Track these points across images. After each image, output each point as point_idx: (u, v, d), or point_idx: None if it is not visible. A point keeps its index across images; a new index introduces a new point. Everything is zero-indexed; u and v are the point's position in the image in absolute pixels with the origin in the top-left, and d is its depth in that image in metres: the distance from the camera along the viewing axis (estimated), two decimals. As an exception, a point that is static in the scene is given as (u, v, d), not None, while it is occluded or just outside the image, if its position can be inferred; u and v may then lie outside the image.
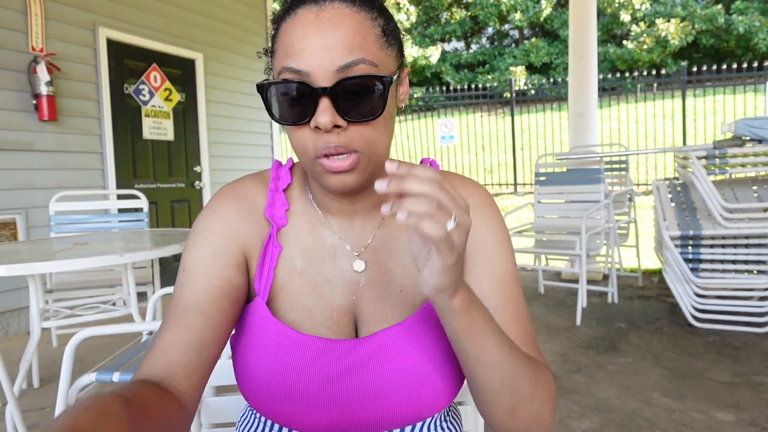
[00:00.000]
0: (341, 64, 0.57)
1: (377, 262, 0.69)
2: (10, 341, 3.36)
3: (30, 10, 3.54)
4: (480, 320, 0.56)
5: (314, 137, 0.59)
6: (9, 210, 3.46)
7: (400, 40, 0.66)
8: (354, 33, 0.57)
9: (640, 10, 15.02)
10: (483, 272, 0.70)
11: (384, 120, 0.61)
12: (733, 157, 3.12)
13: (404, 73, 0.67)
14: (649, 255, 4.93)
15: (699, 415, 2.08)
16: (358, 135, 0.59)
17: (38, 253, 1.96)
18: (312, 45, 0.57)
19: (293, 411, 0.65)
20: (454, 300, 0.53)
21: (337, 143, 0.58)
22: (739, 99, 9.48)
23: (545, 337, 3.09)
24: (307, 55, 0.57)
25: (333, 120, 0.57)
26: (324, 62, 0.57)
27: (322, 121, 0.57)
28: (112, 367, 1.43)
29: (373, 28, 0.60)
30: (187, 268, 0.66)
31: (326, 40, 0.57)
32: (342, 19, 0.58)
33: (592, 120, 4.74)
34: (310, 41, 0.57)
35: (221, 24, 5.18)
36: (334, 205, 0.69)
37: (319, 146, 0.59)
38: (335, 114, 0.57)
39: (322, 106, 0.57)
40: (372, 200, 0.69)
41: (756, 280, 2.96)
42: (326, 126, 0.57)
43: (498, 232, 0.72)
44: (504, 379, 0.58)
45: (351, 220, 0.70)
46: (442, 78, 16.10)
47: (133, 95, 4.32)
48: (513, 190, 10.14)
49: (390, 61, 0.62)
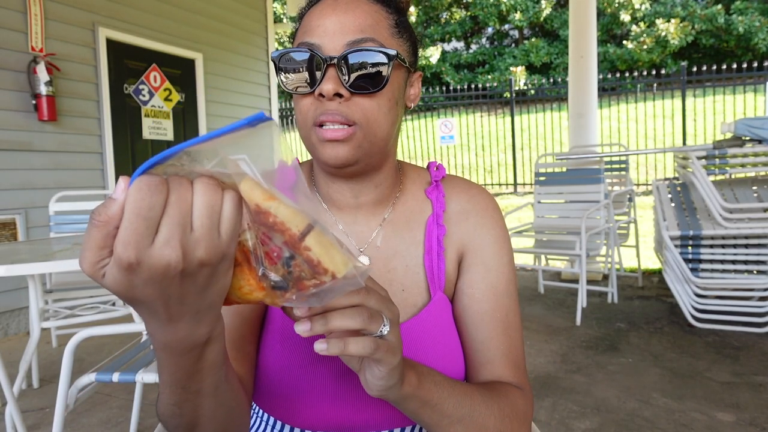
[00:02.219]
0: (351, 39, 0.60)
1: (380, 259, 0.70)
2: (10, 341, 3.36)
3: (30, 10, 3.54)
4: (433, 390, 0.56)
5: (316, 104, 0.61)
6: (9, 210, 3.46)
7: (415, 41, 0.69)
8: (366, 16, 0.62)
9: (640, 10, 15.01)
10: (476, 276, 0.70)
11: (388, 100, 0.62)
12: (733, 157, 3.12)
13: (416, 74, 0.70)
14: (649, 255, 4.93)
15: (699, 415, 2.08)
16: (359, 107, 0.60)
17: (38, 253, 1.95)
18: (327, 23, 0.61)
19: (296, 408, 0.65)
20: (404, 388, 0.52)
21: (336, 111, 0.60)
22: (739, 99, 9.48)
23: (545, 337, 3.09)
24: (321, 32, 0.61)
25: (335, 88, 0.59)
26: (336, 37, 0.60)
27: (325, 87, 0.59)
28: (112, 367, 1.43)
29: (386, 19, 0.63)
30: None
31: (340, 19, 0.61)
32: (357, 4, 0.62)
33: (592, 120, 4.74)
34: (325, 20, 0.61)
35: (221, 24, 5.18)
36: (337, 196, 0.70)
37: (319, 112, 0.60)
38: (339, 83, 0.59)
39: (327, 75, 0.59)
40: (375, 195, 0.70)
41: (756, 280, 2.95)
42: (329, 93, 0.59)
43: (497, 239, 0.72)
44: (468, 428, 0.58)
45: (355, 215, 0.71)
46: (442, 78, 16.10)
47: (132, 95, 4.32)
48: (513, 190, 10.14)
49: (402, 52, 0.64)
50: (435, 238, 0.71)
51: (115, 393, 2.43)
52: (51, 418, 2.13)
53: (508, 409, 0.62)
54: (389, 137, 0.65)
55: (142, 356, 1.55)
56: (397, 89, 0.64)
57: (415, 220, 0.72)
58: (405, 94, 0.68)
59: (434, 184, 0.75)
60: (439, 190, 0.74)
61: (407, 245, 0.71)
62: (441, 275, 0.70)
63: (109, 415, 2.24)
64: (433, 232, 0.71)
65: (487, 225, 0.73)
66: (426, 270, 0.70)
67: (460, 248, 0.72)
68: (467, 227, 0.73)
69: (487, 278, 0.70)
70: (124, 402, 2.34)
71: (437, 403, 0.56)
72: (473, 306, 0.70)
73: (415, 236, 0.71)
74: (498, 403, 0.61)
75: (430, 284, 0.69)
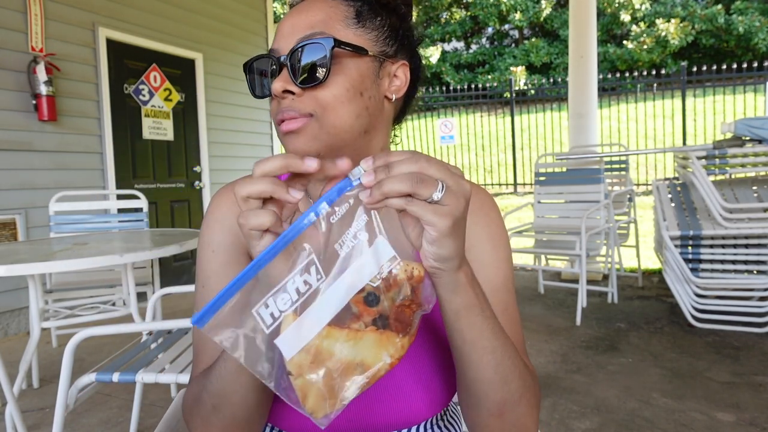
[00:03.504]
0: (299, 36, 0.61)
1: None
2: (10, 341, 3.36)
3: (30, 10, 3.54)
4: (482, 297, 0.54)
5: (275, 104, 0.63)
6: (9, 210, 3.46)
7: (395, 32, 0.67)
8: (318, 12, 0.63)
9: (640, 10, 15.01)
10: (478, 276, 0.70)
11: (345, 90, 0.61)
12: (733, 157, 3.12)
13: (397, 64, 0.67)
14: (649, 255, 4.93)
15: (699, 415, 2.08)
16: (312, 100, 0.61)
17: (38, 253, 1.96)
18: (283, 27, 0.64)
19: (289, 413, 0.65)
20: (459, 273, 0.51)
21: (289, 107, 0.61)
22: (738, 99, 9.48)
23: (545, 337, 3.09)
24: (279, 36, 0.64)
25: (284, 85, 0.60)
26: (288, 39, 0.62)
27: (274, 87, 0.61)
28: (112, 367, 1.43)
29: (343, 10, 0.63)
30: (205, 284, 0.69)
31: (293, 21, 0.63)
32: (312, 4, 0.64)
33: (592, 120, 4.74)
34: (282, 25, 0.64)
35: (221, 24, 5.18)
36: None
37: (276, 112, 0.62)
38: (288, 80, 0.61)
39: (278, 76, 0.61)
40: None
41: (756, 280, 2.96)
42: (276, 91, 0.61)
43: (496, 236, 0.72)
44: (497, 368, 0.56)
45: None
46: (442, 78, 16.09)
47: (132, 95, 4.32)
48: (513, 190, 10.14)
49: (363, 42, 0.63)
50: None
51: (115, 393, 2.43)
52: (51, 418, 2.13)
53: (530, 380, 0.61)
54: (353, 128, 0.63)
55: (142, 356, 1.55)
56: (357, 79, 0.62)
57: None
58: (378, 85, 0.65)
59: None
60: None
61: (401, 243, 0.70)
62: None
63: (109, 415, 2.24)
64: None
65: (482, 222, 0.72)
66: None
67: None
68: None
69: (481, 273, 0.69)
70: (124, 402, 2.34)
71: (479, 312, 0.54)
72: None
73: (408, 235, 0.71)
74: (524, 366, 0.60)
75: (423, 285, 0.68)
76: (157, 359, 1.52)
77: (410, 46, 0.70)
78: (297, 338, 0.44)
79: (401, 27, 0.68)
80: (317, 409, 0.44)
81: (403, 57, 0.68)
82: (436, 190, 0.46)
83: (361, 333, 0.45)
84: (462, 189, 0.47)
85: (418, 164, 0.46)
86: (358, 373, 0.44)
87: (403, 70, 0.67)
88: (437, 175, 0.46)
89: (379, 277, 0.46)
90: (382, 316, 0.46)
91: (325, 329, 0.44)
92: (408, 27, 0.69)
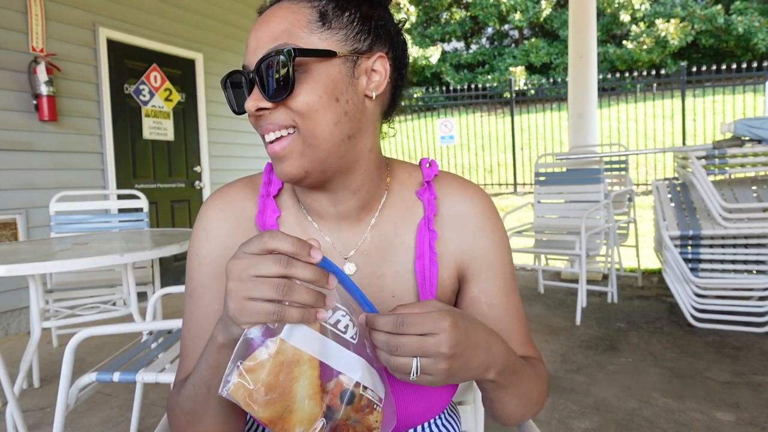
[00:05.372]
0: (263, 53, 0.60)
1: (369, 265, 0.68)
2: (11, 341, 3.37)
3: (30, 10, 3.54)
4: (513, 375, 0.62)
5: (253, 119, 0.63)
6: (9, 210, 3.47)
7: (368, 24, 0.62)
8: (280, 21, 0.60)
9: (639, 11, 15.00)
10: (488, 284, 0.71)
11: (319, 98, 0.59)
12: (733, 157, 3.12)
13: (372, 59, 0.63)
14: (648, 255, 4.93)
15: (699, 415, 2.08)
16: (286, 112, 0.60)
17: (38, 253, 1.96)
18: (250, 42, 0.62)
19: None
20: (488, 375, 0.59)
21: (268, 122, 0.61)
22: (738, 99, 9.48)
23: (545, 337, 3.09)
24: (248, 52, 0.62)
25: (255, 104, 0.60)
26: (255, 54, 0.61)
27: (247, 106, 0.60)
28: (113, 366, 1.43)
29: (306, 15, 0.60)
30: (193, 295, 0.69)
31: (258, 35, 0.61)
32: (274, 13, 0.61)
33: (592, 120, 4.74)
34: (249, 40, 0.62)
35: (221, 24, 5.18)
36: (316, 206, 0.68)
37: (256, 126, 0.63)
38: (259, 97, 0.60)
39: (251, 94, 0.61)
40: (356, 200, 0.68)
41: (755, 280, 2.96)
42: (250, 110, 0.60)
43: (498, 241, 0.72)
44: (520, 398, 0.66)
45: (339, 222, 0.69)
46: (441, 78, 16.09)
47: (133, 95, 4.32)
48: (513, 190, 10.14)
49: (330, 45, 0.60)
50: (426, 243, 0.68)
51: (116, 393, 2.43)
52: (51, 418, 2.14)
53: (540, 375, 0.70)
54: (334, 136, 0.61)
55: (142, 356, 1.55)
56: (329, 84, 0.59)
57: (405, 224, 0.70)
58: (355, 86, 0.61)
59: (426, 185, 0.71)
60: (431, 191, 0.71)
61: (397, 250, 0.69)
62: (433, 281, 0.68)
63: (109, 415, 2.24)
64: (425, 237, 0.68)
65: (487, 229, 0.71)
66: (417, 276, 0.68)
67: (460, 256, 0.70)
68: (465, 234, 0.70)
69: (497, 282, 0.71)
70: (125, 402, 2.34)
71: (514, 383, 0.63)
72: (492, 312, 0.70)
73: (404, 241, 0.69)
74: (535, 370, 0.69)
75: (420, 290, 0.67)
76: (157, 359, 1.52)
77: (387, 34, 0.65)
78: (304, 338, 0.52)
79: (374, 16, 0.63)
80: None
81: (381, 48, 0.63)
82: (411, 371, 0.52)
83: (312, 382, 0.51)
84: (437, 367, 0.52)
85: (388, 348, 0.52)
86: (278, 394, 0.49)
87: (381, 63, 0.63)
88: (409, 354, 0.52)
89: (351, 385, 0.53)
90: (334, 415, 0.51)
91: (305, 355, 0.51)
92: (382, 14, 0.65)
